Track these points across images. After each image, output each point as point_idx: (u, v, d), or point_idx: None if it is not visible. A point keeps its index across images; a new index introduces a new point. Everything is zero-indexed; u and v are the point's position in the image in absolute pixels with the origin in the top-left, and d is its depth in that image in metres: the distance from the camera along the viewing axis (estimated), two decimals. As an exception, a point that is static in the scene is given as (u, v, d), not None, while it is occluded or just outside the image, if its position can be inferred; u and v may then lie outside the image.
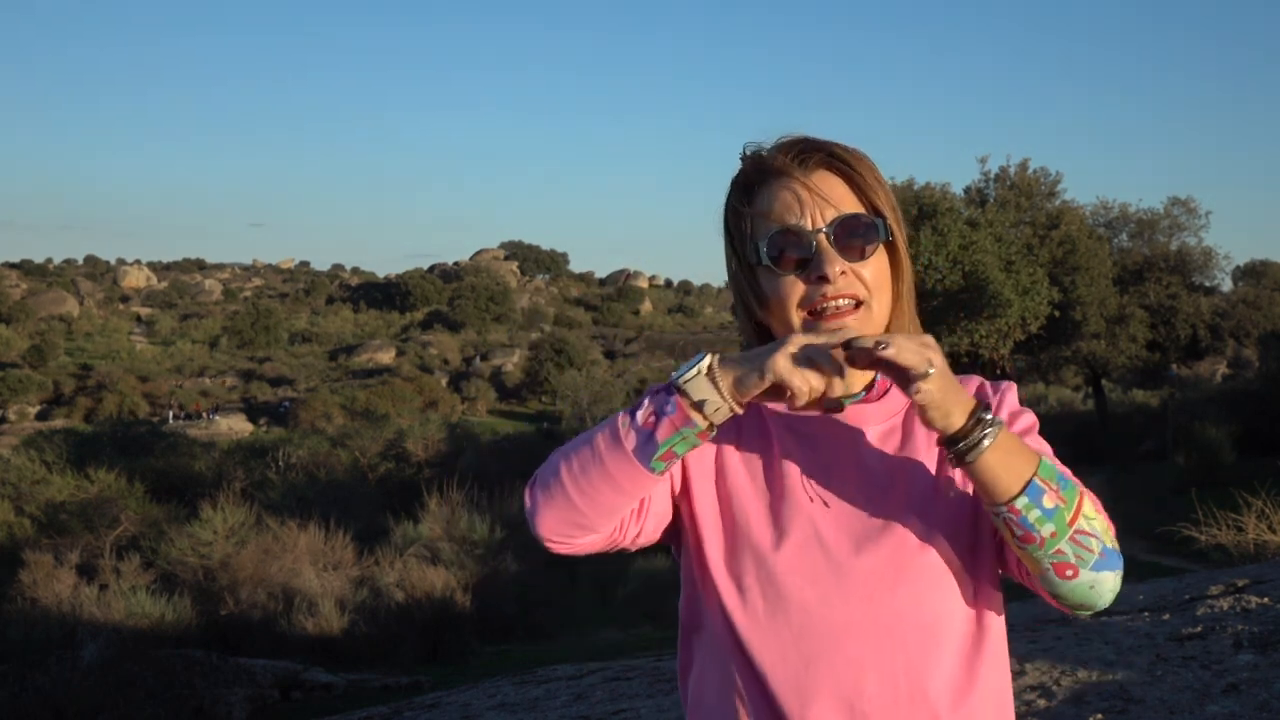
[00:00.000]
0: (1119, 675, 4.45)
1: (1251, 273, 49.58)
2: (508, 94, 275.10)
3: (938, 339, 1.19)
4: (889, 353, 1.12)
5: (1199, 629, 5.03)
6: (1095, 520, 1.22)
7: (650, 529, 1.33)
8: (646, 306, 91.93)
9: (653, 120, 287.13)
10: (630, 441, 1.20)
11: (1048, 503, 1.18)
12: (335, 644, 11.96)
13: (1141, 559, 14.79)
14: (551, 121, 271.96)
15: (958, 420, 1.16)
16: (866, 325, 1.28)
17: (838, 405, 1.19)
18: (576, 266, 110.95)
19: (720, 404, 1.18)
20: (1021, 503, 1.18)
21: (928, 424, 1.17)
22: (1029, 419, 1.35)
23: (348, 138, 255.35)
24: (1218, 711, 3.92)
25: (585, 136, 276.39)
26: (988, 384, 1.37)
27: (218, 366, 66.33)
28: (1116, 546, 1.25)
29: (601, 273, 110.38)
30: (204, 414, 50.85)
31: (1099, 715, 4.03)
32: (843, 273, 1.26)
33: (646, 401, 1.22)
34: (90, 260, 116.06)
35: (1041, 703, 4.30)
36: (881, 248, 1.30)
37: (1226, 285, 35.27)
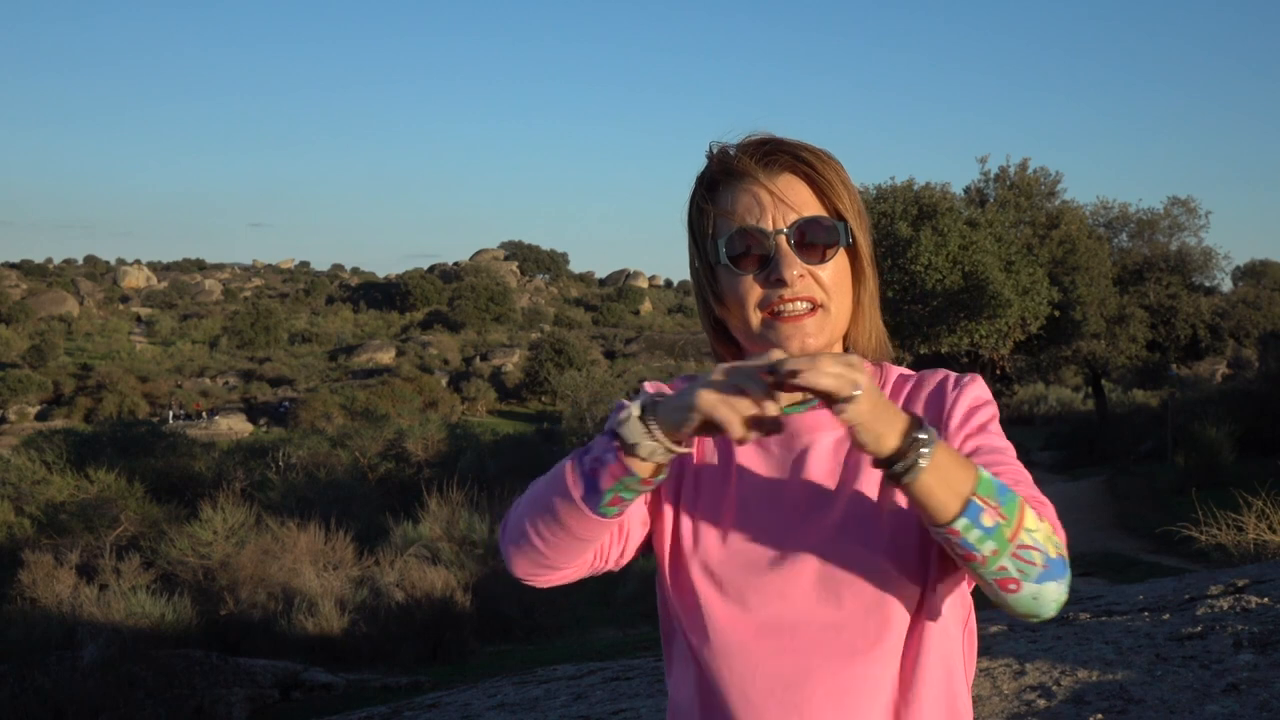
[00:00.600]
0: (1119, 675, 4.45)
1: (1251, 273, 49.63)
2: (508, 94, 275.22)
3: (937, 339, 1.18)
4: (806, 378, 1.07)
5: (1199, 629, 5.03)
6: (1037, 532, 1.17)
7: (631, 548, 1.34)
8: (646, 306, 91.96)
9: (653, 120, 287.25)
10: (578, 490, 1.20)
11: (987, 521, 1.14)
12: (335, 644, 11.96)
13: (1141, 559, 14.78)
14: (551, 121, 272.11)
15: (891, 441, 1.11)
16: (824, 328, 1.27)
17: (775, 426, 1.15)
18: (576, 266, 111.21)
19: (655, 447, 1.15)
20: (960, 524, 1.14)
21: (859, 447, 1.12)
22: (986, 414, 1.31)
23: (348, 138, 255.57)
24: (1218, 711, 3.92)
25: (585, 136, 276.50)
26: (951, 377, 1.34)
27: (218, 366, 66.32)
28: (1063, 554, 1.20)
29: (601, 273, 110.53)
30: (203, 414, 50.85)
31: (1099, 715, 4.03)
32: (800, 275, 1.25)
33: (593, 447, 1.21)
34: (90, 260, 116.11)
35: (1041, 703, 4.30)
36: (843, 252, 1.29)
37: (1226, 285, 35.30)
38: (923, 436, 1.12)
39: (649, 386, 1.35)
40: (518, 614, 13.39)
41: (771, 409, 1.13)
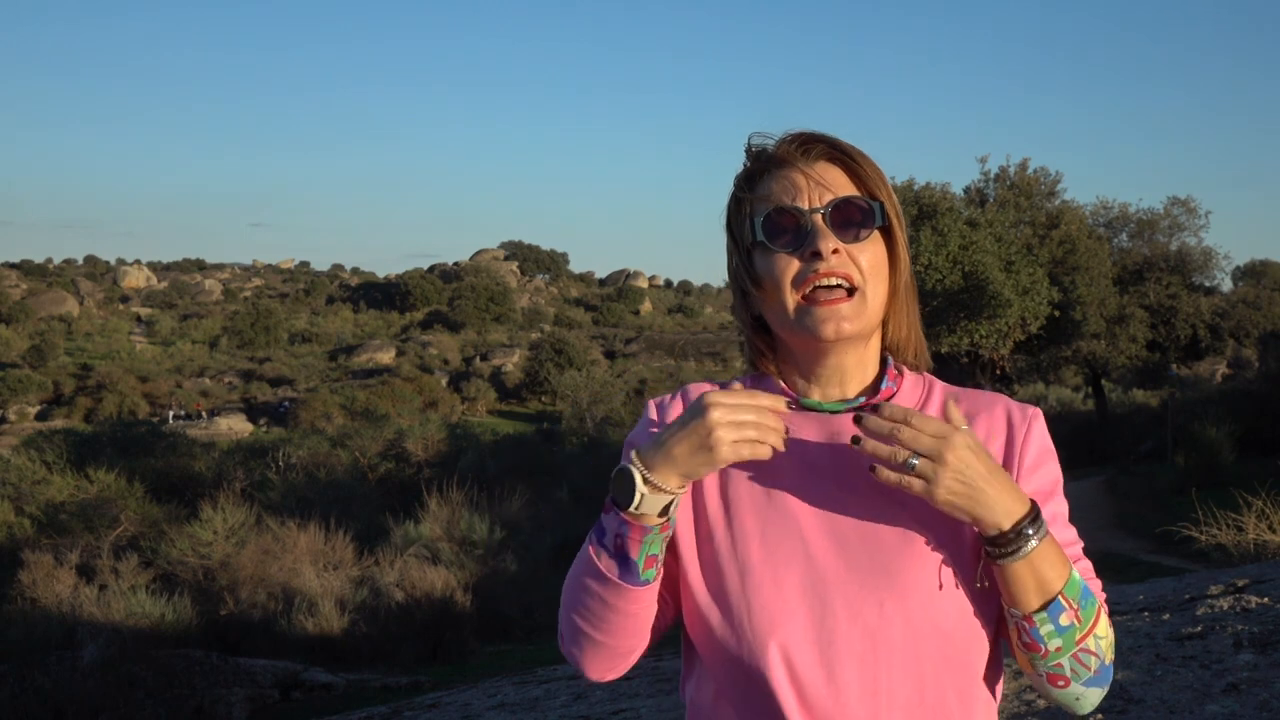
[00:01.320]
0: (1119, 675, 4.45)
1: (1251, 273, 49.62)
2: (508, 94, 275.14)
3: (938, 339, 1.18)
4: (887, 477, 1.14)
5: (1199, 629, 5.03)
6: (1104, 639, 1.21)
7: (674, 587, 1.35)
8: (646, 306, 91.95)
9: (653, 120, 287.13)
10: (614, 573, 1.22)
11: (1064, 621, 1.18)
12: (335, 644, 11.96)
13: (1141, 559, 14.76)
14: (552, 122, 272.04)
15: (1000, 523, 1.16)
16: (860, 314, 1.26)
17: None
18: (576, 266, 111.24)
19: (673, 497, 1.21)
20: (1039, 617, 1.18)
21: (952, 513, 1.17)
22: (1053, 472, 1.30)
23: (348, 138, 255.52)
24: (1218, 711, 3.92)
25: (585, 137, 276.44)
26: (1015, 412, 1.32)
27: (218, 366, 66.32)
28: (1113, 660, 1.24)
29: (601, 273, 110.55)
30: (203, 414, 50.85)
31: (1099, 715, 4.03)
32: (835, 251, 1.25)
33: (606, 526, 1.23)
34: (90, 260, 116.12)
35: (1041, 703, 4.30)
36: (879, 237, 1.29)
37: (1226, 285, 35.24)
38: (1030, 532, 1.15)
39: (694, 389, 1.35)
40: (518, 614, 13.39)
41: (777, 443, 1.18)
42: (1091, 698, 1.24)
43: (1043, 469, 1.29)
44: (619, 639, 1.28)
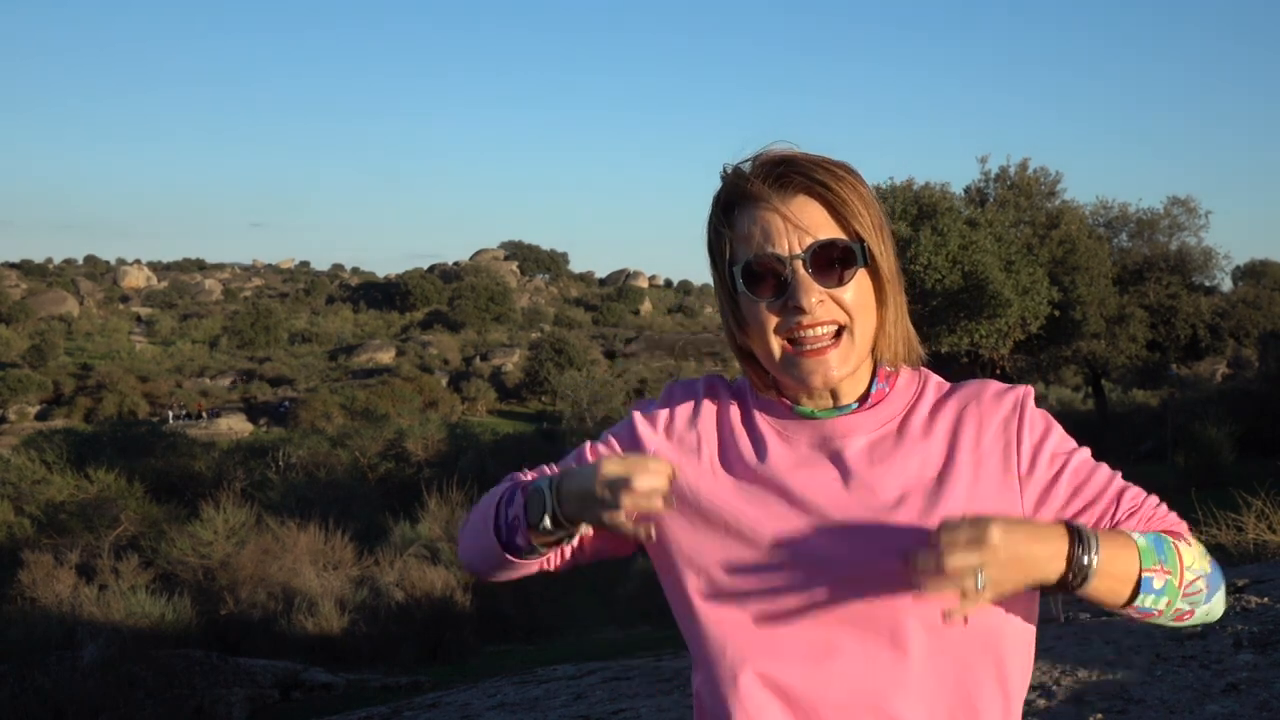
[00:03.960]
0: (1119, 675, 4.44)
1: (1251, 273, 49.58)
2: (508, 94, 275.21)
3: (937, 339, 1.17)
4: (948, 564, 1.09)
5: (1199, 629, 5.03)
6: (1194, 565, 1.22)
7: (586, 560, 1.42)
8: (646, 306, 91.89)
9: (653, 120, 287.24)
10: (499, 541, 1.32)
11: (1158, 584, 1.18)
12: (335, 644, 11.96)
13: (1141, 559, 14.75)
14: (552, 121, 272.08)
15: (1054, 569, 1.14)
16: (848, 358, 1.25)
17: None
18: (576, 266, 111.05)
19: (558, 534, 1.28)
20: (1138, 600, 1.19)
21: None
22: (1063, 439, 1.29)
23: (348, 138, 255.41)
24: (1218, 711, 3.92)
25: (585, 136, 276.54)
26: (1003, 394, 1.31)
27: (218, 366, 66.30)
28: (1212, 565, 1.25)
29: (601, 273, 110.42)
30: (203, 414, 50.85)
31: (1099, 715, 4.03)
32: (820, 301, 1.23)
33: (514, 503, 1.31)
34: (90, 260, 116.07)
35: (1041, 703, 4.30)
36: (864, 271, 1.27)
37: (1226, 285, 35.23)
38: (1080, 550, 1.14)
39: (678, 388, 1.42)
40: (518, 614, 13.40)
41: (647, 499, 1.19)
42: (1217, 604, 1.26)
43: (1048, 441, 1.28)
44: (498, 573, 1.38)
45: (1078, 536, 1.15)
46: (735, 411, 1.36)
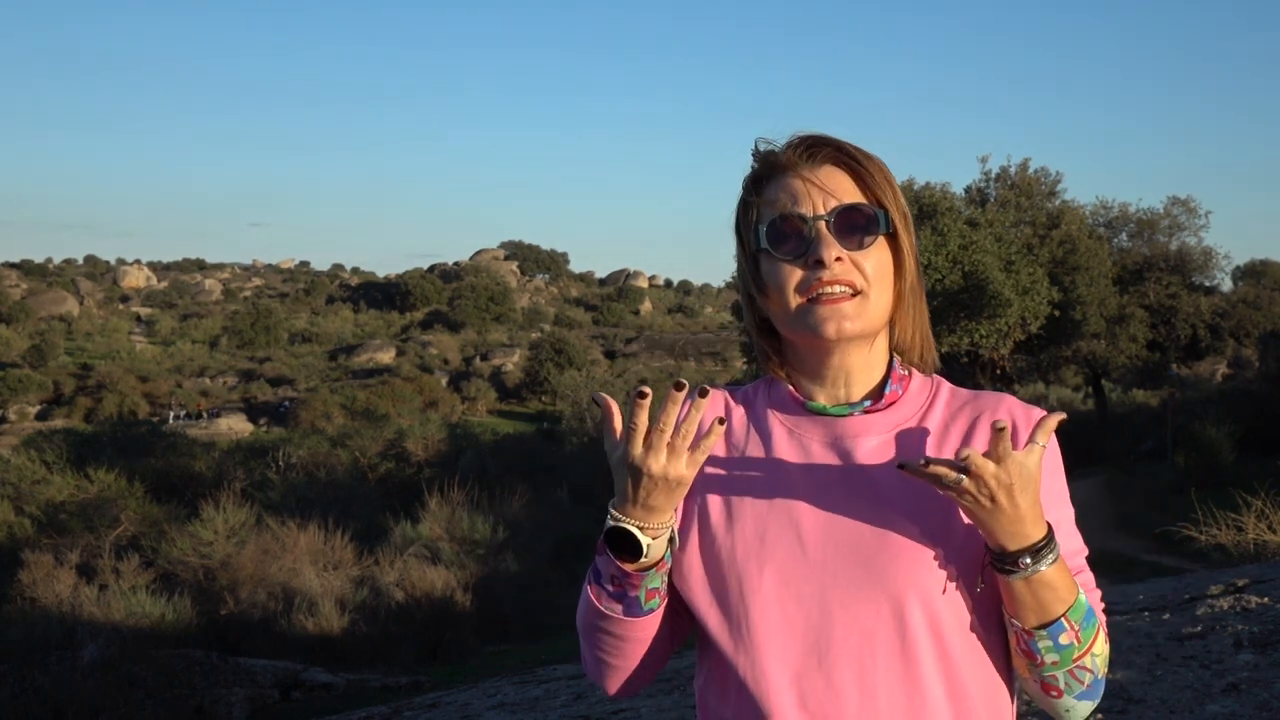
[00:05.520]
0: (1119, 675, 4.44)
1: (1251, 273, 49.61)
2: (508, 94, 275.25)
3: (938, 339, 1.18)
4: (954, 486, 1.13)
5: (1199, 629, 5.03)
6: (1099, 657, 1.23)
7: (685, 626, 1.38)
8: (646, 306, 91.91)
9: (653, 120, 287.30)
10: (619, 610, 1.28)
11: (1063, 640, 1.20)
12: (335, 644, 11.96)
13: (1141, 559, 14.76)
14: (552, 121, 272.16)
15: (1007, 545, 1.17)
16: (862, 314, 1.26)
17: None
18: (576, 266, 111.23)
19: (652, 544, 1.23)
20: (1039, 634, 1.20)
21: (973, 521, 1.18)
22: (1058, 479, 1.32)
23: (348, 138, 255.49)
24: (1218, 711, 3.92)
25: (585, 136, 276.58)
26: (1019, 413, 1.33)
27: (218, 366, 66.29)
28: (1105, 674, 1.27)
29: (601, 273, 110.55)
30: (204, 414, 50.86)
31: (1099, 715, 4.03)
32: (839, 259, 1.25)
33: (601, 568, 1.28)
34: (90, 260, 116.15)
35: (1041, 703, 4.29)
36: (884, 243, 1.29)
37: (1226, 285, 35.24)
38: (1029, 561, 1.17)
39: (717, 394, 1.38)
40: (518, 614, 13.40)
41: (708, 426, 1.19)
42: (1081, 710, 1.26)
43: (1053, 480, 1.30)
44: (636, 660, 1.33)
45: (1045, 545, 1.18)
46: (743, 412, 1.37)
